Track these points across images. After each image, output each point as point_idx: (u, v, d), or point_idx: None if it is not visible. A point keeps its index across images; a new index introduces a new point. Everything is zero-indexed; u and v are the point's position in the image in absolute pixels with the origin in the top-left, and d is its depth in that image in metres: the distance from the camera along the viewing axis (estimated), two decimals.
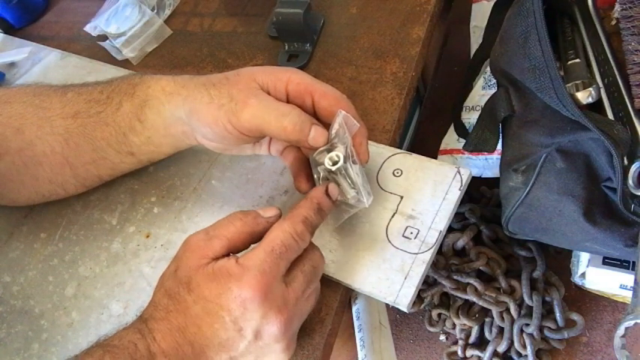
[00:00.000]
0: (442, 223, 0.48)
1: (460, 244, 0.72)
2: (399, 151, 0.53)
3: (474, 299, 0.69)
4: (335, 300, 0.48)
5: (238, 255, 0.41)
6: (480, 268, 0.70)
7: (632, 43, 0.48)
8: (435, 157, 0.79)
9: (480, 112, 0.58)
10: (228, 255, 0.41)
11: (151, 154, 0.54)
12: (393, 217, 0.49)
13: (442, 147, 0.80)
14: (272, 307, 0.39)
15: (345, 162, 0.45)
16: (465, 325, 0.73)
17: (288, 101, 0.46)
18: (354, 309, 0.63)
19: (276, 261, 0.40)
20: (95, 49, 0.76)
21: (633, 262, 0.58)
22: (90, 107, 0.51)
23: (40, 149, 0.52)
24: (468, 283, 0.69)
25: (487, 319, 0.72)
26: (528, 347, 0.67)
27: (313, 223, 0.43)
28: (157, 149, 0.53)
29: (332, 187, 0.45)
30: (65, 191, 0.56)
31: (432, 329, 0.76)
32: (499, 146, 0.57)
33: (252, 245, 0.43)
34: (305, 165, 0.49)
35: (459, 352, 0.74)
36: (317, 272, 0.44)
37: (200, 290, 0.40)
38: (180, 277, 0.41)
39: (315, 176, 0.47)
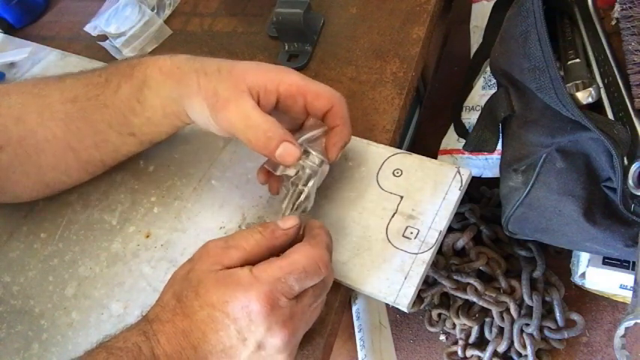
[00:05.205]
0: (442, 223, 0.48)
1: (460, 244, 0.72)
2: (399, 151, 0.53)
3: (474, 299, 0.69)
4: (335, 300, 0.48)
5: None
6: (480, 268, 0.70)
7: (632, 43, 0.48)
8: (435, 157, 0.79)
9: (480, 112, 0.58)
10: (243, 266, 0.41)
11: (152, 135, 0.54)
12: (393, 217, 0.49)
13: (442, 147, 0.80)
14: (277, 320, 0.39)
15: (308, 171, 0.45)
16: (465, 325, 0.73)
17: (278, 102, 0.46)
18: (354, 309, 0.63)
19: (291, 283, 0.39)
20: (95, 49, 0.76)
21: (633, 262, 0.58)
22: (88, 91, 0.51)
23: (41, 136, 0.52)
24: (468, 283, 0.69)
25: (487, 319, 0.72)
26: (528, 347, 0.67)
27: (331, 251, 0.43)
28: (157, 129, 0.53)
29: None
30: (69, 177, 0.56)
31: (432, 329, 0.76)
32: (499, 146, 0.57)
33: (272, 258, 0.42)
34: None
35: (459, 352, 0.74)
36: (326, 286, 0.44)
37: (208, 296, 0.39)
38: (191, 279, 0.41)
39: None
